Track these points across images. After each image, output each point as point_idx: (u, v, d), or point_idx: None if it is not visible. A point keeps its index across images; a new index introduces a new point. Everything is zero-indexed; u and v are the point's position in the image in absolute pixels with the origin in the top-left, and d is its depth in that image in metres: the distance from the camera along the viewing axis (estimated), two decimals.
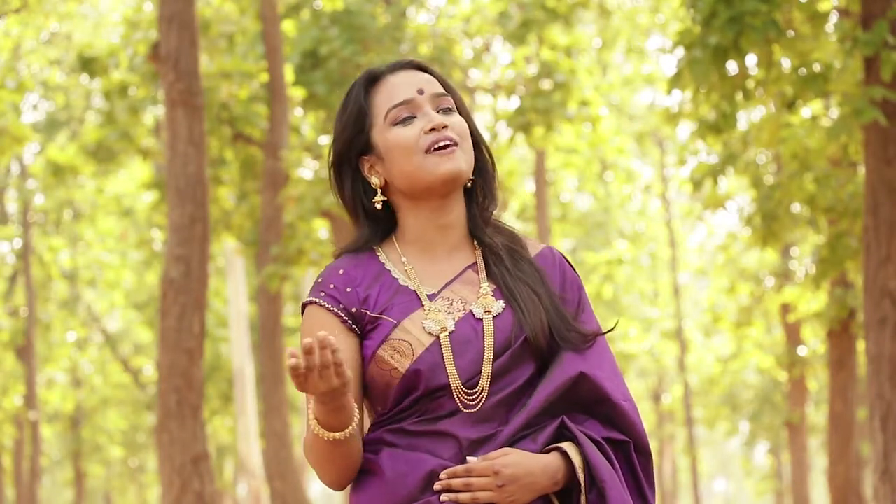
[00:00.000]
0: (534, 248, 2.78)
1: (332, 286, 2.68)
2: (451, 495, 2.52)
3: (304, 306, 2.70)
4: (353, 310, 2.65)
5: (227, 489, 28.77)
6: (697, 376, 29.03)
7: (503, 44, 17.65)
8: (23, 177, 24.93)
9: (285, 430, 13.81)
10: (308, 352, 2.40)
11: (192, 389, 9.09)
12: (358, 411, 2.56)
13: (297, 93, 14.39)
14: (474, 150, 2.73)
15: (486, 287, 2.68)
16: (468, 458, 2.54)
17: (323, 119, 15.64)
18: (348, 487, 2.68)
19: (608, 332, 2.72)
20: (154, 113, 16.40)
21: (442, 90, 2.72)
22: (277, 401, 13.84)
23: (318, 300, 2.67)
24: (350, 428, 2.52)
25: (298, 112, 15.06)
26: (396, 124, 2.68)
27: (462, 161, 2.66)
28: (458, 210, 2.72)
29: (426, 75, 2.74)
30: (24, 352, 24.33)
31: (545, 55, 15.93)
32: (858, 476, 13.53)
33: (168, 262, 9.28)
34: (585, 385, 2.63)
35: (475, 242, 2.75)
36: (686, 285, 31.76)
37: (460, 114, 2.73)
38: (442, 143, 2.65)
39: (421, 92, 2.69)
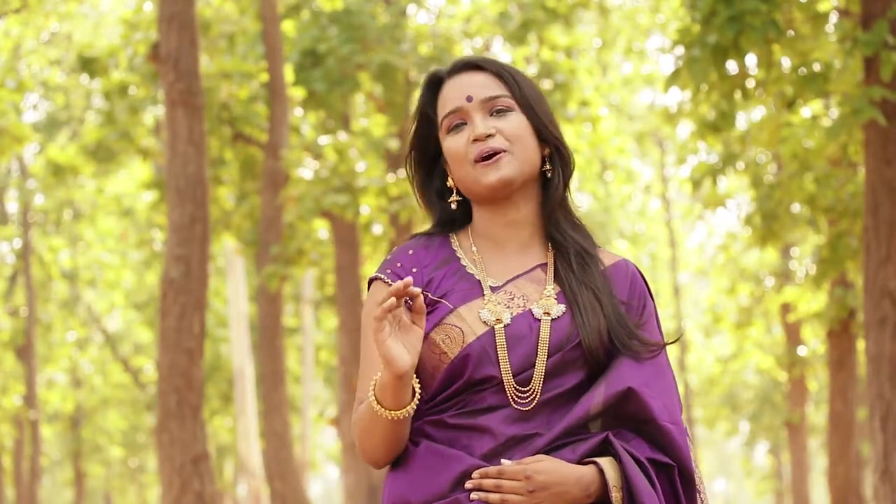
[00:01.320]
0: (609, 259, 2.77)
1: (398, 265, 2.70)
2: (482, 495, 2.51)
3: (370, 281, 2.72)
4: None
5: (227, 489, 28.77)
6: (697, 376, 29.04)
7: (503, 44, 17.65)
8: (23, 177, 24.93)
9: (285, 430, 13.81)
10: (398, 295, 2.45)
11: (192, 389, 9.09)
12: (418, 393, 2.57)
13: (297, 93, 14.39)
14: (545, 142, 2.72)
15: (551, 289, 2.67)
16: (502, 461, 2.53)
17: (323, 119, 15.65)
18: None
19: (672, 343, 2.70)
20: (154, 113, 16.40)
21: (494, 92, 2.70)
22: (277, 401, 13.84)
23: (383, 276, 2.69)
24: (408, 409, 2.54)
25: (298, 112, 15.06)
26: (450, 132, 2.71)
27: (511, 167, 2.66)
28: (527, 207, 2.73)
29: (481, 76, 2.73)
30: (24, 352, 24.33)
31: (545, 55, 15.94)
32: (858, 476, 13.53)
33: (168, 262, 9.28)
34: (632, 401, 2.60)
35: (549, 244, 2.74)
36: (686, 285, 31.76)
37: (523, 109, 2.71)
38: (486, 154, 2.66)
39: (469, 99, 2.70)
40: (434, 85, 2.76)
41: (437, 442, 2.59)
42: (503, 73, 2.73)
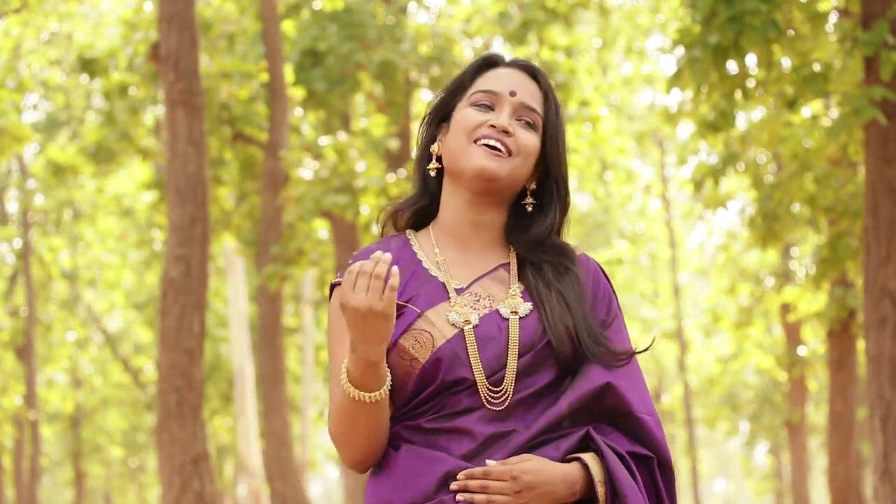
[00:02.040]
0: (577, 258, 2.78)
1: None
2: (468, 496, 2.51)
3: (332, 287, 2.71)
4: None
5: (227, 489, 28.77)
6: (697, 376, 29.03)
7: (503, 44, 17.65)
8: (23, 177, 24.93)
9: (285, 430, 13.81)
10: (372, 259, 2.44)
11: (192, 389, 9.09)
12: (389, 382, 2.56)
13: (297, 93, 14.39)
14: (548, 181, 2.73)
15: (516, 288, 2.68)
16: (487, 461, 2.54)
17: (323, 119, 15.64)
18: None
19: (640, 352, 2.70)
20: (154, 113, 16.40)
21: (534, 105, 2.71)
22: (277, 401, 13.84)
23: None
24: (382, 391, 2.52)
25: (298, 112, 15.06)
26: (473, 105, 2.71)
27: (505, 169, 2.66)
28: (493, 214, 2.73)
29: (532, 85, 2.74)
30: (24, 352, 24.33)
31: (545, 55, 15.93)
32: (858, 476, 13.53)
33: (168, 262, 9.28)
34: (610, 396, 2.62)
35: (511, 247, 2.75)
36: (686, 285, 31.76)
37: (545, 134, 2.72)
38: (492, 143, 2.66)
39: (513, 94, 2.70)
40: (486, 65, 2.76)
41: (418, 445, 2.59)
42: (549, 96, 2.74)
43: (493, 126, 2.66)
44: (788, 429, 18.94)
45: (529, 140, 2.69)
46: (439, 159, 2.74)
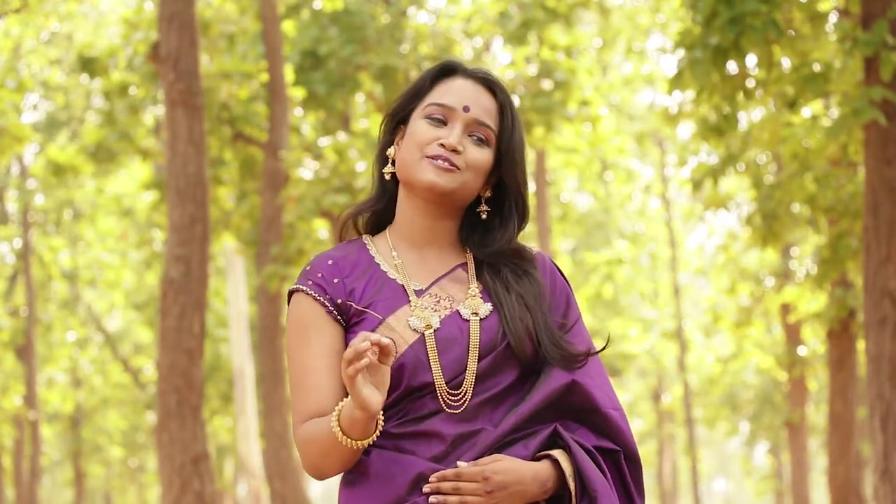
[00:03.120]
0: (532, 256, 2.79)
1: (319, 275, 2.68)
2: (441, 497, 2.52)
3: (290, 293, 2.71)
4: (339, 301, 2.66)
5: (227, 489, 28.77)
6: (697, 376, 29.03)
7: (503, 44, 17.64)
8: (23, 177, 24.92)
9: (285, 430, 13.81)
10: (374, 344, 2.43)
11: (192, 389, 9.09)
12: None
13: (297, 93, 14.39)
14: (506, 192, 2.73)
15: (475, 288, 2.69)
16: (458, 463, 2.54)
17: (323, 119, 15.64)
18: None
19: (598, 352, 2.72)
20: (154, 113, 16.40)
21: (488, 120, 2.71)
22: (277, 401, 13.84)
23: (304, 288, 2.68)
24: (372, 438, 2.53)
25: (298, 112, 15.06)
26: (426, 118, 2.70)
27: (453, 184, 2.66)
28: (448, 221, 2.74)
29: (487, 99, 2.73)
30: (24, 352, 24.32)
31: (545, 55, 15.93)
32: (858, 476, 13.53)
33: (168, 262, 9.28)
34: (576, 393, 2.64)
35: (467, 248, 2.76)
36: (686, 285, 31.76)
37: (499, 147, 2.71)
38: (440, 164, 2.66)
39: (466, 109, 2.70)
40: (444, 73, 2.76)
41: (387, 450, 2.60)
42: (505, 111, 2.74)
43: (442, 145, 2.66)
44: (788, 429, 18.94)
45: (479, 156, 2.69)
46: (394, 163, 2.75)
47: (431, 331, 2.61)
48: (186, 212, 9.28)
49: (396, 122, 2.77)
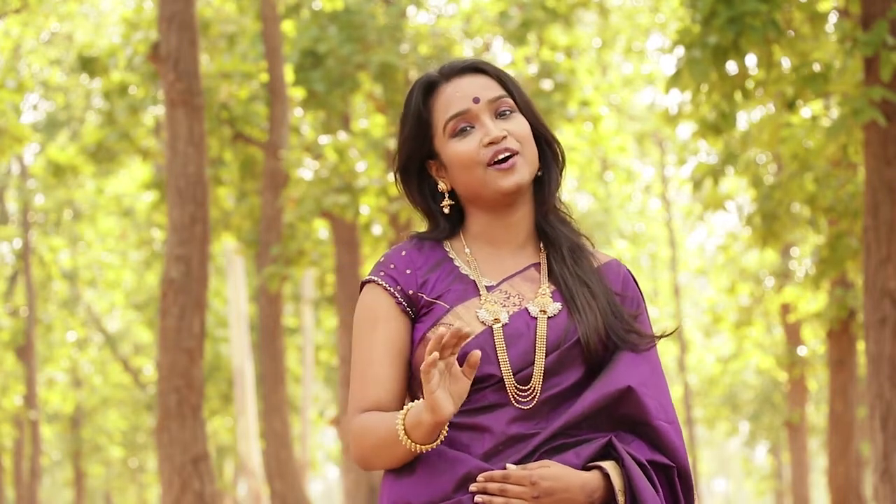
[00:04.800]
0: (602, 258, 2.78)
1: (392, 266, 2.68)
2: (486, 498, 2.51)
3: (362, 284, 2.71)
4: (410, 292, 2.65)
5: (227, 489, 28.77)
6: (697, 376, 29.04)
7: (503, 44, 17.65)
8: (23, 177, 24.93)
9: (285, 430, 13.81)
10: (458, 337, 2.43)
11: (192, 389, 9.09)
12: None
13: (297, 93, 14.38)
14: (539, 142, 2.73)
15: (546, 288, 2.68)
16: (507, 465, 2.53)
17: (323, 119, 15.64)
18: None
19: (669, 334, 2.73)
20: (154, 113, 16.40)
21: (498, 92, 2.70)
22: (277, 401, 13.84)
23: (377, 279, 2.68)
24: (437, 442, 2.53)
25: (298, 112, 15.06)
26: (454, 136, 2.68)
27: (524, 170, 2.66)
28: (524, 208, 2.72)
29: (482, 79, 2.72)
30: (24, 352, 24.32)
31: (545, 55, 15.93)
32: (858, 476, 13.53)
33: (168, 262, 9.28)
34: (630, 401, 2.61)
35: (541, 244, 2.75)
36: (686, 285, 31.76)
37: (522, 111, 2.71)
38: (502, 156, 2.64)
39: (476, 100, 2.68)
40: (429, 88, 2.73)
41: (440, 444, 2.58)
42: (502, 76, 2.73)
43: (490, 143, 2.65)
44: (788, 429, 18.94)
45: (520, 125, 2.68)
46: (450, 194, 2.72)
47: (500, 325, 2.60)
48: (186, 212, 9.28)
49: (420, 162, 2.73)
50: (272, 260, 13.53)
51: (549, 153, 2.75)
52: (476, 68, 2.73)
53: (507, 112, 2.69)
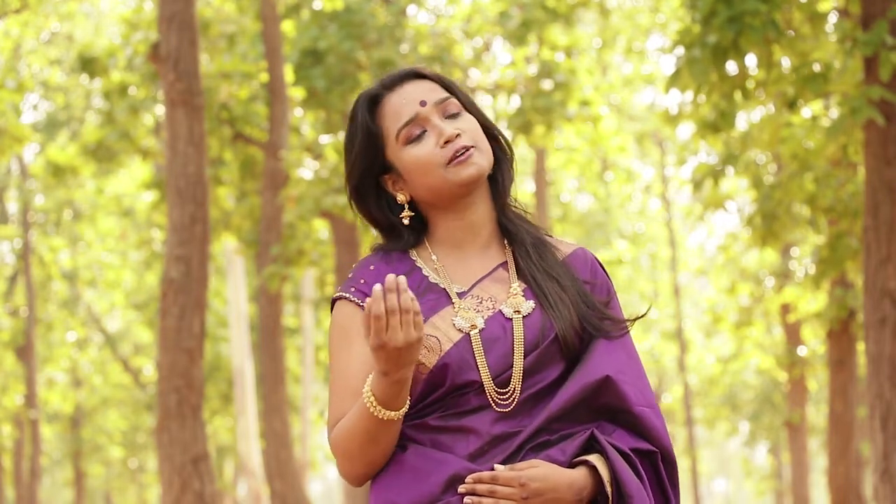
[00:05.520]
0: (567, 248, 2.79)
1: (362, 281, 2.69)
2: (475, 499, 2.51)
3: (333, 301, 2.71)
4: None
5: (227, 489, 28.77)
6: (697, 376, 29.04)
7: (503, 44, 17.64)
8: (23, 177, 24.93)
9: (285, 430, 13.81)
10: (389, 290, 2.41)
11: (192, 389, 9.09)
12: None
13: (297, 93, 14.39)
14: (489, 139, 2.75)
15: (517, 287, 2.69)
16: (495, 466, 2.54)
17: (323, 119, 15.65)
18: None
19: (641, 316, 2.73)
20: (154, 113, 16.41)
21: (444, 94, 2.72)
22: (277, 401, 13.84)
23: (347, 295, 2.68)
24: (405, 409, 2.54)
25: (298, 112, 15.06)
26: (409, 143, 2.69)
27: (482, 160, 2.67)
28: (483, 206, 2.74)
29: (425, 83, 2.73)
30: (24, 352, 24.33)
31: (545, 55, 15.93)
32: (858, 476, 13.53)
33: (168, 262, 9.28)
34: (609, 390, 2.62)
35: (506, 241, 2.76)
36: (686, 285, 31.77)
37: (468, 111, 2.73)
38: (460, 151, 2.66)
39: (423, 104, 2.69)
40: (373, 102, 2.73)
41: (420, 444, 2.60)
42: (443, 79, 2.75)
43: (446, 142, 2.66)
44: (788, 429, 18.94)
45: (471, 123, 2.70)
46: (410, 205, 2.73)
47: (476, 330, 2.61)
48: (186, 212, 9.28)
49: (375, 178, 2.73)
50: (272, 260, 13.53)
51: (498, 149, 2.77)
52: (417, 74, 2.74)
53: (456, 113, 2.71)
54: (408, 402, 2.54)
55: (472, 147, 2.67)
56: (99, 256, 27.63)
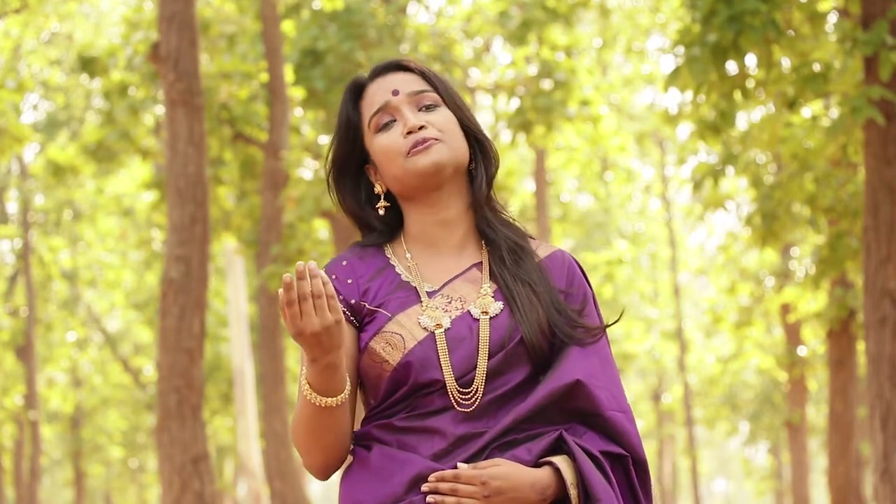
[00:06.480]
0: (546, 250, 2.77)
1: (334, 277, 2.70)
2: (438, 498, 2.52)
3: None
4: (353, 301, 2.66)
5: (227, 489, 28.77)
6: (697, 376, 29.04)
7: (503, 44, 17.64)
8: (23, 177, 24.93)
9: (285, 430, 13.81)
10: (299, 277, 2.41)
11: (192, 389, 9.09)
12: (350, 386, 2.57)
13: (297, 93, 14.39)
14: (470, 139, 2.74)
15: (487, 288, 2.68)
16: (458, 465, 2.54)
17: (323, 119, 15.65)
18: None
19: (612, 324, 2.72)
20: (154, 113, 16.41)
21: (420, 87, 2.72)
22: (277, 401, 13.84)
23: None
24: (343, 395, 2.54)
25: (298, 112, 15.06)
26: (379, 131, 2.71)
27: (442, 153, 2.66)
28: (457, 205, 2.73)
29: (404, 74, 2.74)
30: (24, 352, 24.33)
31: (545, 55, 15.93)
32: (858, 476, 13.53)
33: (168, 262, 9.28)
34: (581, 394, 2.61)
35: (483, 242, 2.75)
36: (686, 285, 31.77)
37: (448, 106, 2.73)
38: (420, 143, 2.66)
39: (396, 93, 2.70)
40: (356, 92, 2.76)
41: (386, 445, 2.61)
42: (425, 72, 2.76)
43: (409, 132, 2.66)
44: (788, 429, 18.94)
45: (442, 117, 2.70)
46: (387, 196, 2.74)
47: (441, 330, 2.61)
48: (186, 212, 9.29)
49: (357, 166, 2.76)
50: (272, 260, 13.53)
51: (480, 151, 2.76)
52: (400, 66, 2.75)
53: (431, 105, 2.71)
54: (347, 388, 2.54)
55: (435, 140, 2.66)
56: (99, 256, 27.63)
